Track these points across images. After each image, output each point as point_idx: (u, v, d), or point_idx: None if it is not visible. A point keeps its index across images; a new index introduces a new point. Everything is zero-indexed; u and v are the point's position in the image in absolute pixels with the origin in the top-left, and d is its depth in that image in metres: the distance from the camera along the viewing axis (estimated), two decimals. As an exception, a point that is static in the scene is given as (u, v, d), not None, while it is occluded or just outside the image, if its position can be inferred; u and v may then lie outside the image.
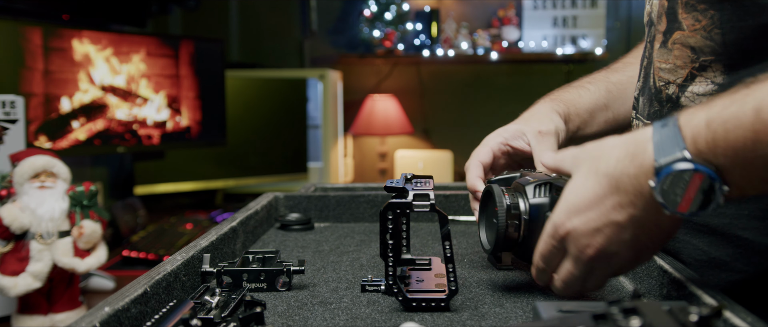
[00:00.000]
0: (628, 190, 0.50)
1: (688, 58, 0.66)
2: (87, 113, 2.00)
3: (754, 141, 0.44)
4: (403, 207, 0.63)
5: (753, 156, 0.44)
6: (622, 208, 0.51)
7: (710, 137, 0.46)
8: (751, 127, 0.44)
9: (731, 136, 0.45)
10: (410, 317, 0.63)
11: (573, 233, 0.54)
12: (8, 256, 1.21)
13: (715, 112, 0.46)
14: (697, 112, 0.48)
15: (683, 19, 0.66)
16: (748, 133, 0.44)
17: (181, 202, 2.72)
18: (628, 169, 0.50)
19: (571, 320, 0.39)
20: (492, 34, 3.22)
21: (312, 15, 3.38)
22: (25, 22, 1.80)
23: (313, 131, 3.01)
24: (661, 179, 0.47)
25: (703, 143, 0.46)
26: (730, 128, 0.45)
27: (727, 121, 0.45)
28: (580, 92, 0.85)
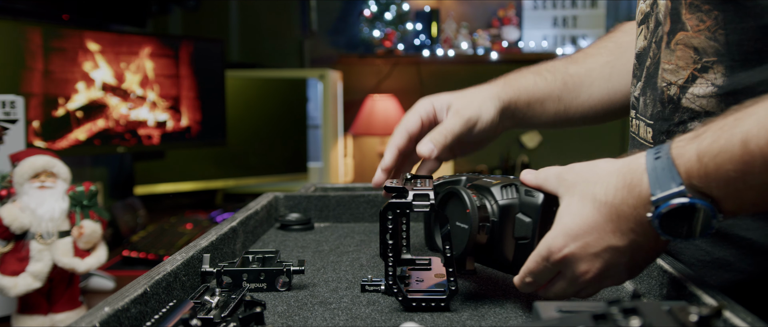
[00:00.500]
0: (629, 218, 0.52)
1: (690, 59, 0.66)
2: (87, 113, 2.00)
3: (744, 172, 0.46)
4: (403, 207, 0.63)
5: (744, 186, 0.47)
6: (623, 234, 0.53)
7: (703, 171, 0.48)
8: (740, 159, 0.46)
9: (722, 170, 0.47)
10: (410, 317, 0.63)
11: (571, 258, 0.56)
12: (8, 256, 1.21)
13: (706, 145, 0.48)
14: (689, 144, 0.50)
15: (687, 20, 0.65)
16: (738, 165, 0.46)
17: (181, 202, 2.72)
18: (628, 200, 0.52)
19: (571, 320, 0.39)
20: (492, 34, 3.22)
21: (312, 15, 3.38)
22: (25, 22, 1.80)
23: (313, 131, 3.01)
24: (659, 213, 0.49)
25: (697, 177, 0.48)
26: (721, 162, 0.47)
27: (717, 155, 0.47)
28: (537, 80, 0.85)
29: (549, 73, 0.85)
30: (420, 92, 3.37)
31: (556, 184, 0.59)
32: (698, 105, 0.65)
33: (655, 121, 0.70)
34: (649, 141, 0.72)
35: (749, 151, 0.45)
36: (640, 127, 0.75)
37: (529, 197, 0.62)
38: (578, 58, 0.89)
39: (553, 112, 0.85)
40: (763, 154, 0.45)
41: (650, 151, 0.52)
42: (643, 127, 0.74)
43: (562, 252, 0.55)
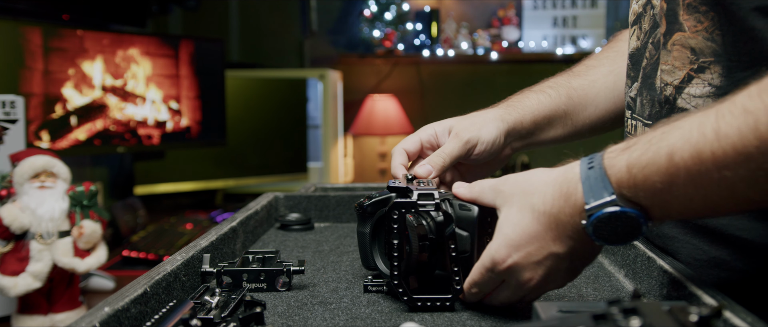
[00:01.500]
0: (566, 226, 0.55)
1: (687, 59, 0.66)
2: (87, 113, 2.00)
3: (670, 184, 0.48)
4: (408, 206, 0.63)
5: (670, 197, 0.49)
6: (562, 241, 0.56)
7: (632, 182, 0.50)
8: (666, 171, 0.48)
9: (649, 181, 0.49)
10: (410, 317, 0.63)
11: (515, 267, 0.58)
12: (8, 256, 1.21)
13: (635, 157, 0.50)
14: (620, 154, 0.52)
15: (684, 21, 0.66)
16: (664, 177, 0.49)
17: (181, 202, 2.72)
18: (565, 209, 0.54)
19: (570, 320, 0.39)
20: (492, 34, 3.22)
21: (312, 15, 3.38)
22: (25, 22, 1.80)
23: (313, 131, 3.01)
24: (593, 220, 0.52)
25: (626, 188, 0.51)
26: (648, 174, 0.49)
27: (645, 167, 0.50)
28: (540, 98, 0.84)
29: (552, 89, 0.85)
30: (420, 92, 3.37)
31: (493, 196, 0.61)
32: (694, 105, 0.65)
33: (653, 121, 0.71)
34: None
35: (674, 163, 0.48)
36: (637, 127, 0.75)
37: (465, 211, 0.63)
38: (581, 71, 0.88)
39: (561, 128, 0.85)
40: (686, 167, 0.47)
41: (584, 160, 0.55)
42: (640, 127, 0.74)
43: (506, 263, 0.58)
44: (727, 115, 0.46)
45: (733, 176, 0.45)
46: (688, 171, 0.47)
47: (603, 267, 0.81)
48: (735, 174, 0.45)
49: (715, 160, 0.46)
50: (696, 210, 0.50)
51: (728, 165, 0.45)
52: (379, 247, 0.70)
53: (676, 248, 0.72)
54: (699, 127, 0.47)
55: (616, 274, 0.78)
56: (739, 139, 0.44)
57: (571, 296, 0.70)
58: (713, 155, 0.46)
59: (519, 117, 0.81)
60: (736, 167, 0.45)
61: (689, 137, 0.47)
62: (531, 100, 0.83)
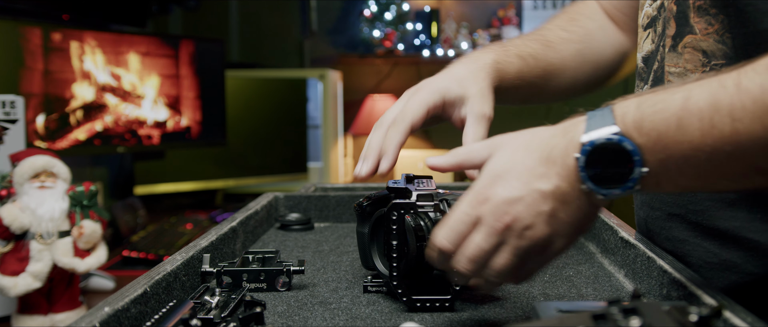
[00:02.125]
0: (557, 161, 0.50)
1: (699, 62, 0.65)
2: (87, 113, 2.00)
3: (678, 126, 0.46)
4: (408, 207, 0.63)
5: (674, 142, 0.46)
6: (548, 178, 0.50)
7: (638, 116, 0.48)
8: (677, 112, 0.46)
9: (657, 117, 0.47)
10: (410, 317, 0.63)
11: (493, 200, 0.50)
12: (8, 256, 1.21)
13: (647, 96, 0.48)
14: (632, 97, 0.50)
15: (695, 23, 0.65)
16: (672, 117, 0.46)
17: (181, 202, 2.72)
18: (560, 143, 0.50)
19: (570, 320, 0.39)
20: (492, 34, 3.22)
21: (312, 15, 3.38)
22: (25, 22, 1.80)
23: (313, 131, 3.00)
24: (585, 151, 0.48)
25: (631, 121, 0.48)
26: (658, 110, 0.47)
27: (655, 103, 0.47)
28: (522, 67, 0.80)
29: (532, 58, 0.82)
30: (420, 92, 3.37)
31: (488, 147, 0.55)
32: None
33: None
34: None
35: (687, 107, 0.46)
36: None
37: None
38: (554, 41, 0.86)
39: (523, 95, 0.84)
40: (700, 112, 0.45)
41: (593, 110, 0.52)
42: None
43: (485, 193, 0.51)
44: (750, 72, 0.45)
45: (746, 133, 0.44)
46: (701, 118, 0.45)
47: (603, 267, 0.81)
48: (750, 130, 0.43)
49: (731, 111, 0.44)
50: (697, 169, 0.47)
51: (744, 119, 0.44)
52: (378, 248, 0.70)
53: (686, 251, 0.72)
54: (719, 80, 0.46)
55: (616, 274, 0.78)
56: (761, 94, 0.43)
57: (571, 296, 0.70)
58: (731, 106, 0.44)
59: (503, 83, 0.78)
60: (752, 122, 0.43)
61: (708, 87, 0.46)
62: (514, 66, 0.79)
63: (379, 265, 0.69)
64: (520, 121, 0.82)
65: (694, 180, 0.48)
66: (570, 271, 0.79)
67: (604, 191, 0.48)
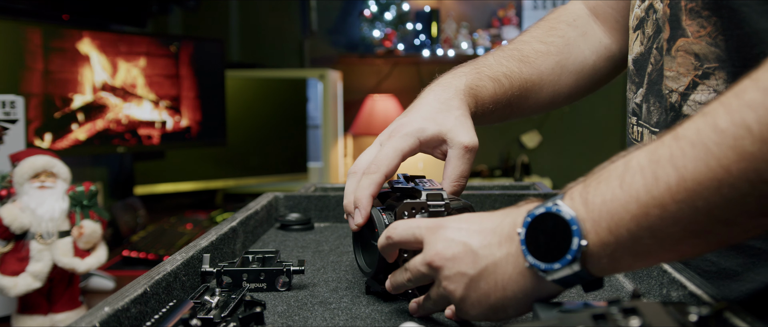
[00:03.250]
0: (503, 232, 0.51)
1: (691, 65, 0.65)
2: (87, 113, 2.00)
3: (621, 187, 0.44)
4: (418, 207, 0.63)
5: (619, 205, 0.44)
6: (488, 246, 0.51)
7: (583, 190, 0.46)
8: (619, 175, 0.44)
9: (601, 186, 0.45)
10: (410, 317, 0.63)
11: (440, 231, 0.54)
12: (8, 256, 1.21)
13: (595, 172, 0.47)
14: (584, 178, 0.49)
15: (687, 26, 0.65)
16: (615, 180, 0.44)
17: (181, 202, 2.72)
18: (512, 215, 0.51)
19: (570, 320, 0.39)
20: (492, 34, 3.22)
21: (312, 15, 3.38)
22: (25, 22, 1.80)
23: (313, 131, 3.01)
24: (526, 224, 0.48)
25: (577, 197, 0.46)
26: (601, 180, 0.46)
27: (599, 176, 0.46)
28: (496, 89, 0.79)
29: (506, 79, 0.81)
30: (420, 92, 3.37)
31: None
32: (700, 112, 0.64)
33: (661, 128, 0.69)
34: None
35: (628, 167, 0.44)
36: (644, 134, 0.74)
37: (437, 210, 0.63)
38: (530, 56, 0.85)
39: (498, 116, 0.83)
40: (641, 170, 0.43)
41: None
42: (647, 134, 0.73)
43: (440, 222, 0.55)
44: (686, 122, 0.43)
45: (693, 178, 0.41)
46: (643, 174, 0.43)
47: (603, 267, 0.81)
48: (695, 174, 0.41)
49: (671, 159, 0.42)
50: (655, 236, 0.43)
51: (687, 164, 0.41)
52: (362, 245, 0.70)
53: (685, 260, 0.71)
54: (658, 138, 0.44)
55: (615, 274, 0.78)
56: (697, 135, 0.41)
57: (571, 296, 0.70)
58: (671, 155, 0.42)
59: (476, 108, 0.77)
60: (696, 165, 0.40)
61: (647, 146, 0.44)
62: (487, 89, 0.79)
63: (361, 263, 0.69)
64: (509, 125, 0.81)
65: (654, 245, 0.44)
66: (570, 271, 0.79)
67: (544, 266, 0.47)
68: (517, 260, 0.49)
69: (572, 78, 0.87)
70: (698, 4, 0.63)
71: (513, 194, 1.10)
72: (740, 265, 0.65)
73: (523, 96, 0.83)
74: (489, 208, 1.10)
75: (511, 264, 0.49)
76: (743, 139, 0.38)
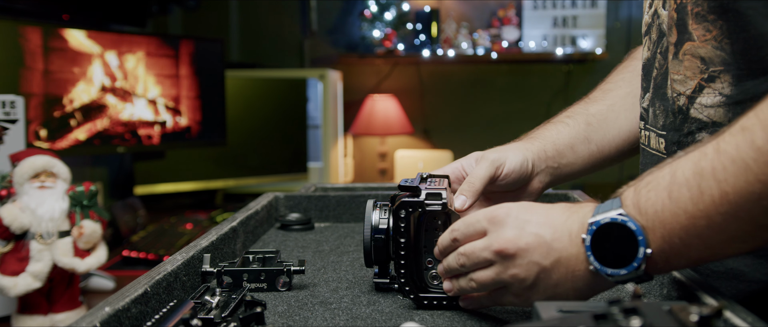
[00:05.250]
0: (573, 229, 0.54)
1: (697, 68, 0.65)
2: (87, 113, 2.00)
3: (670, 199, 0.48)
4: (416, 206, 0.63)
5: (670, 215, 0.48)
6: (560, 240, 0.54)
7: (635, 198, 0.51)
8: (667, 187, 0.49)
9: (652, 195, 0.50)
10: (410, 317, 0.63)
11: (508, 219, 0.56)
12: (8, 256, 1.21)
13: (643, 180, 0.51)
14: (631, 183, 0.53)
15: (693, 30, 0.65)
16: (663, 191, 0.49)
17: (181, 202, 2.72)
18: (576, 214, 0.54)
19: (571, 320, 0.39)
20: (492, 34, 3.22)
21: (312, 15, 3.38)
22: (25, 22, 1.80)
23: (313, 131, 3.00)
24: (593, 230, 0.51)
25: (631, 204, 0.51)
26: (650, 188, 0.50)
27: (648, 184, 0.51)
28: (559, 128, 0.84)
29: (569, 118, 0.85)
30: (420, 92, 3.37)
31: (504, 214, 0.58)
32: (706, 115, 0.65)
33: (667, 131, 0.70)
34: (661, 151, 0.71)
35: (675, 180, 0.48)
36: (651, 137, 0.74)
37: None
38: (597, 97, 0.88)
39: (586, 154, 0.84)
40: (687, 181, 0.47)
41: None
42: (653, 137, 0.73)
43: (504, 210, 0.57)
44: (726, 135, 0.47)
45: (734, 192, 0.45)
46: (688, 187, 0.47)
47: (603, 267, 0.81)
48: (736, 188, 0.45)
49: (714, 174, 0.46)
50: (701, 239, 0.48)
51: (728, 178, 0.45)
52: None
53: None
54: (701, 148, 0.48)
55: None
56: (736, 152, 0.45)
57: (571, 296, 0.70)
58: (713, 170, 0.46)
59: (540, 145, 0.81)
60: (736, 180, 0.45)
61: (691, 157, 0.48)
62: (550, 131, 0.83)
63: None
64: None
65: (703, 250, 0.49)
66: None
67: (610, 272, 0.51)
68: (586, 260, 0.52)
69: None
70: (704, 8, 0.63)
71: (513, 194, 1.10)
72: (746, 265, 0.66)
73: (597, 129, 0.85)
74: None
75: (582, 261, 0.53)
76: None
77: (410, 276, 0.64)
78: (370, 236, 0.66)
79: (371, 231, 0.66)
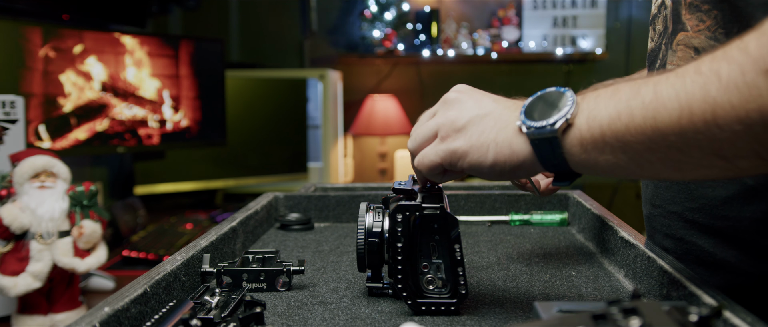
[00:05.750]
0: (510, 103, 0.57)
1: (691, 59, 0.65)
2: (87, 113, 2.00)
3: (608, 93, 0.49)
4: (413, 209, 0.62)
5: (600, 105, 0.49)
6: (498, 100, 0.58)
7: (583, 92, 0.52)
8: (613, 86, 0.50)
9: (597, 89, 0.51)
10: (410, 317, 0.63)
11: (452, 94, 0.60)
12: (8, 256, 1.21)
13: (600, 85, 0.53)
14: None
15: (687, 21, 0.65)
16: (607, 89, 0.50)
17: (181, 202, 2.72)
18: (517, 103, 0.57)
19: (570, 320, 0.39)
20: (492, 34, 3.22)
21: (312, 15, 3.38)
22: (25, 22, 1.80)
23: (313, 131, 3.00)
24: (530, 100, 0.54)
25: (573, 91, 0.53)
26: (599, 86, 0.52)
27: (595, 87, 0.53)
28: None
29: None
30: (420, 92, 3.37)
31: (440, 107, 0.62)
32: None
33: None
34: None
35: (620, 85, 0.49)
36: None
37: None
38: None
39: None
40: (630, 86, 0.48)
41: None
42: None
43: (448, 96, 0.60)
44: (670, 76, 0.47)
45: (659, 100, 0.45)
46: (630, 87, 0.48)
47: (603, 267, 0.81)
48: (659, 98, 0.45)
49: (654, 85, 0.46)
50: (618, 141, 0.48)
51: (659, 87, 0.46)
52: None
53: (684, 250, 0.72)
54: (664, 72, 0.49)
55: (616, 274, 0.78)
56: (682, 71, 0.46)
57: (571, 296, 0.70)
58: (655, 82, 0.47)
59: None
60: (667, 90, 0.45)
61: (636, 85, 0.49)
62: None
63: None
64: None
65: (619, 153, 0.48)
66: (570, 271, 0.79)
67: (529, 123, 0.52)
68: (517, 117, 0.54)
69: None
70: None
71: (513, 194, 1.10)
72: (735, 257, 0.67)
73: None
74: (488, 211, 1.10)
75: (512, 117, 0.55)
76: (711, 85, 0.43)
77: (406, 281, 0.63)
78: (363, 239, 0.65)
79: (365, 234, 0.65)
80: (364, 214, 0.65)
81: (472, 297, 0.69)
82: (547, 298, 0.69)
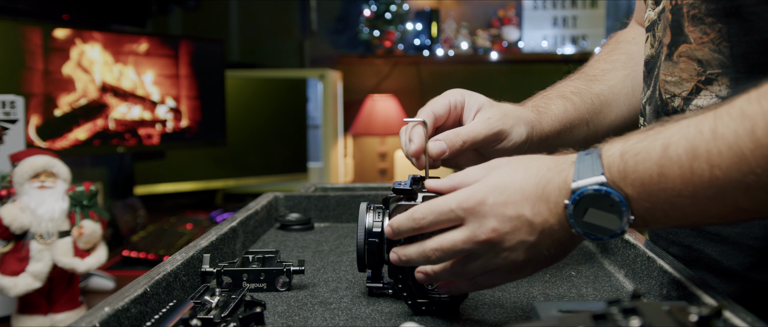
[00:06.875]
0: (551, 198, 0.52)
1: (694, 71, 0.65)
2: (87, 113, 2.00)
3: (660, 175, 0.48)
4: None
5: (658, 190, 0.48)
6: (540, 213, 0.52)
7: (622, 167, 0.49)
8: (658, 161, 0.48)
9: (640, 167, 0.49)
10: (410, 317, 0.63)
11: (485, 208, 0.53)
12: (8, 256, 1.21)
13: (630, 144, 0.50)
14: (616, 143, 0.51)
15: (690, 33, 0.65)
16: (654, 166, 0.48)
17: (181, 202, 2.72)
18: (554, 180, 0.52)
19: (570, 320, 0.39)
20: (492, 34, 3.21)
21: (312, 15, 3.38)
22: (25, 22, 1.80)
23: (313, 131, 3.00)
24: (575, 198, 0.50)
25: (616, 172, 0.50)
26: (640, 160, 0.49)
27: (637, 154, 0.49)
28: (566, 106, 0.81)
29: (576, 96, 0.82)
30: (420, 92, 3.37)
31: (484, 169, 0.56)
32: None
33: None
34: None
35: (668, 155, 0.47)
36: None
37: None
38: (597, 75, 0.86)
39: (582, 137, 0.83)
40: (679, 160, 0.47)
41: (582, 151, 0.54)
42: None
43: (477, 197, 0.53)
44: (725, 116, 0.46)
45: (724, 178, 0.45)
46: (680, 165, 0.47)
47: (603, 267, 0.81)
48: (727, 176, 0.45)
49: (709, 158, 0.45)
50: (683, 212, 0.48)
51: (721, 165, 0.45)
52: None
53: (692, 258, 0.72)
54: (696, 125, 0.47)
55: (616, 274, 0.78)
56: (735, 140, 0.44)
57: (571, 296, 0.70)
58: (708, 153, 0.46)
59: (547, 126, 0.78)
60: (729, 168, 0.45)
61: (686, 133, 0.47)
62: (557, 107, 0.80)
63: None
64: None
65: (680, 220, 0.50)
66: (570, 271, 0.79)
67: (592, 237, 0.51)
68: (569, 226, 0.51)
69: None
70: (701, 11, 0.63)
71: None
72: (741, 265, 0.66)
73: (599, 111, 0.84)
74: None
75: (564, 228, 0.52)
76: None
77: (406, 281, 0.63)
78: (363, 239, 0.65)
79: (365, 234, 0.65)
80: (364, 214, 0.65)
81: (472, 297, 0.69)
82: (547, 298, 0.69)
